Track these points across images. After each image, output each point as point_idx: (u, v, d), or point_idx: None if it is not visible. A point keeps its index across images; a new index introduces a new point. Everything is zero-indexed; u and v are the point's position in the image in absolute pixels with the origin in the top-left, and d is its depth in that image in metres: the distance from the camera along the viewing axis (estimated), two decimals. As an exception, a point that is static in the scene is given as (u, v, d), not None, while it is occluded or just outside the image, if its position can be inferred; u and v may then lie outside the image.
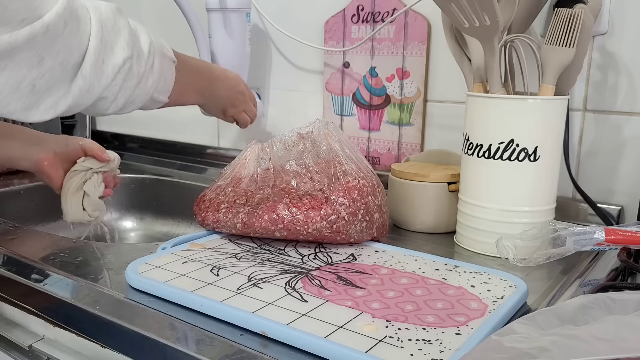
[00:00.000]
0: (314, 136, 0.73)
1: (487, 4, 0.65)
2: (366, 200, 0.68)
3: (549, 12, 0.81)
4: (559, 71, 0.69)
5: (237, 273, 0.60)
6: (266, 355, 0.46)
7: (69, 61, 0.55)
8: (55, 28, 0.53)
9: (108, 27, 0.59)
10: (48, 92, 0.55)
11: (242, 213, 0.69)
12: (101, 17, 0.58)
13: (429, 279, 0.60)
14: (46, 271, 0.64)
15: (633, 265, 0.60)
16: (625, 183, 0.82)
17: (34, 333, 0.62)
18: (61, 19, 0.54)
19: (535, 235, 0.65)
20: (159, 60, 0.66)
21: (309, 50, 1.06)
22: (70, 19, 0.55)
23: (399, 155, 0.99)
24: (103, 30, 0.58)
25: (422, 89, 0.95)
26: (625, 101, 0.80)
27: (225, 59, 1.04)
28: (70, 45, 0.55)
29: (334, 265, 0.64)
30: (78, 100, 0.58)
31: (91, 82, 0.58)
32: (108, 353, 0.54)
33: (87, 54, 0.57)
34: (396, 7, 0.95)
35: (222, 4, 1.01)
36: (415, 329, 0.49)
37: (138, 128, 1.39)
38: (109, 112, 0.63)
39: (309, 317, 0.50)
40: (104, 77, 0.59)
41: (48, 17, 0.52)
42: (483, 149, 0.70)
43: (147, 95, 0.65)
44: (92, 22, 0.58)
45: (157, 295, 0.57)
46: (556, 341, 0.36)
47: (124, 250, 0.73)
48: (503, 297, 0.56)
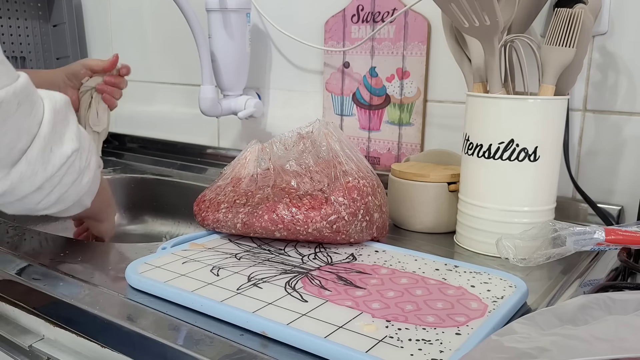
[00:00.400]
0: (314, 136, 0.73)
1: (487, 4, 0.65)
2: (366, 200, 0.68)
3: (549, 12, 0.81)
4: (559, 71, 0.69)
5: (237, 273, 0.60)
6: (266, 355, 0.46)
7: (15, 144, 0.53)
8: (8, 106, 0.51)
9: (60, 117, 0.58)
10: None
11: (242, 213, 0.69)
12: (55, 105, 0.58)
13: (429, 279, 0.60)
14: (46, 271, 0.64)
15: (633, 265, 0.60)
16: (625, 183, 0.82)
17: (34, 333, 0.62)
18: (16, 99, 0.52)
19: (535, 235, 0.65)
20: (94, 160, 0.65)
21: (309, 50, 1.06)
22: (25, 101, 0.53)
23: (399, 155, 0.99)
24: (55, 118, 0.57)
25: (422, 89, 0.95)
26: (625, 101, 0.80)
27: (225, 59, 1.04)
28: (20, 128, 0.53)
29: (334, 265, 0.64)
30: (16, 185, 0.55)
31: (35, 169, 0.56)
32: (108, 353, 0.54)
33: (35, 139, 0.55)
34: (396, 7, 0.95)
35: (222, 4, 1.01)
36: (415, 329, 0.49)
37: (138, 128, 1.39)
38: (35, 209, 0.61)
39: (309, 317, 0.50)
40: (49, 166, 0.57)
41: (4, 93, 0.51)
42: (483, 149, 0.70)
43: (77, 195, 0.64)
44: (45, 109, 0.57)
45: (157, 295, 0.57)
46: (556, 341, 0.36)
47: (124, 250, 0.73)
48: (503, 297, 0.56)
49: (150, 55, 1.34)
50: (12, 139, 0.53)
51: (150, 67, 1.34)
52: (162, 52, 1.31)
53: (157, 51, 1.32)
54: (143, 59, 1.35)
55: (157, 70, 1.33)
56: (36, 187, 0.57)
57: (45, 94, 0.58)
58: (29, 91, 0.54)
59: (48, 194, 0.59)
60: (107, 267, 0.66)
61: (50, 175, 0.57)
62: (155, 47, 1.32)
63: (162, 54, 1.31)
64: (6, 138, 0.52)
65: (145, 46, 1.34)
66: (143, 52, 1.35)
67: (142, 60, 1.35)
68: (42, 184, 0.57)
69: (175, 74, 1.30)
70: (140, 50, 1.35)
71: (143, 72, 1.35)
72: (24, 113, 0.53)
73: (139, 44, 1.35)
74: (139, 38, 1.35)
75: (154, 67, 1.34)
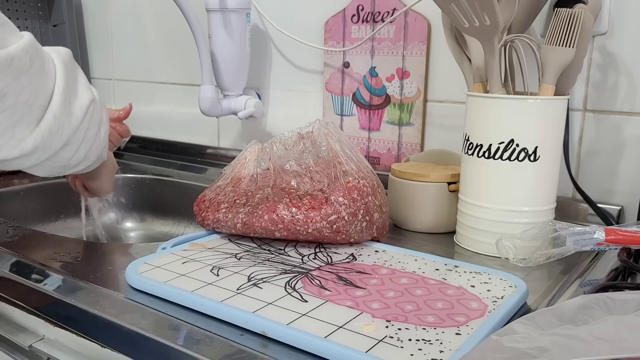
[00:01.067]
0: (314, 136, 0.74)
1: (487, 4, 0.65)
2: (366, 200, 0.68)
3: (549, 12, 0.81)
4: (559, 71, 0.70)
5: (237, 273, 0.60)
6: (266, 355, 0.46)
7: (34, 101, 0.53)
8: (21, 63, 0.51)
9: (70, 69, 0.58)
10: (10, 133, 0.53)
11: (242, 213, 0.69)
12: (64, 59, 0.57)
13: (429, 279, 0.60)
14: (46, 271, 0.64)
15: (633, 265, 0.60)
16: (625, 183, 0.82)
17: (34, 333, 0.62)
18: (27, 55, 0.51)
19: (535, 235, 0.65)
20: (105, 111, 0.64)
21: (309, 50, 1.06)
22: (36, 57, 0.53)
23: (399, 155, 0.99)
24: (67, 71, 0.57)
25: (422, 89, 0.95)
26: (625, 101, 0.80)
27: (225, 59, 1.04)
28: (36, 85, 0.53)
29: (334, 265, 0.64)
30: (47, 140, 0.55)
31: (61, 122, 0.56)
32: (108, 353, 0.54)
33: (54, 93, 0.55)
34: (396, 7, 0.95)
35: (222, 4, 1.01)
36: (415, 329, 0.49)
37: (138, 128, 1.39)
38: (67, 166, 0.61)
39: (309, 317, 0.50)
40: (73, 118, 0.57)
41: (14, 49, 0.50)
42: (483, 149, 0.70)
43: (100, 149, 0.63)
44: (55, 64, 0.56)
45: (157, 295, 0.57)
46: (556, 341, 0.36)
47: (124, 250, 0.73)
48: (503, 297, 0.56)
49: (150, 55, 1.34)
50: (29, 96, 0.52)
51: (150, 67, 1.34)
52: (162, 52, 1.31)
53: (157, 51, 1.32)
54: (143, 59, 1.35)
55: (157, 70, 1.33)
56: (64, 142, 0.58)
57: (51, 49, 0.58)
58: (37, 47, 0.54)
59: (77, 150, 0.60)
60: (107, 267, 0.66)
61: (75, 127, 0.58)
62: (155, 47, 1.32)
63: (162, 54, 1.31)
64: (23, 96, 0.52)
65: (145, 46, 1.34)
66: (143, 52, 1.35)
67: (142, 60, 1.35)
68: (69, 138, 0.58)
69: (175, 74, 1.30)
70: (140, 50, 1.35)
71: (143, 72, 1.35)
72: (37, 70, 0.53)
73: (139, 44, 1.35)
74: (139, 38, 1.35)
75: (154, 67, 1.34)
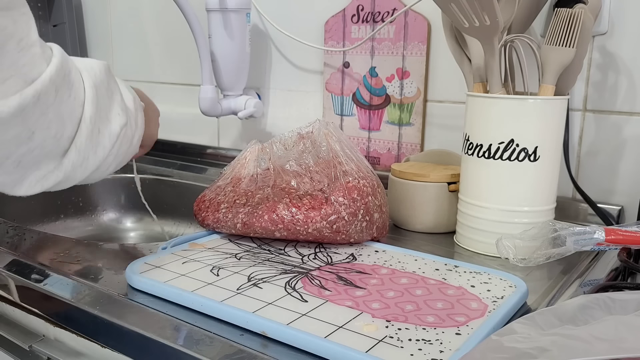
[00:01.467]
0: (314, 136, 0.74)
1: (487, 4, 0.65)
2: (366, 200, 0.68)
3: (549, 12, 0.81)
4: (559, 71, 0.69)
5: (237, 273, 0.60)
6: (266, 355, 0.46)
7: (62, 133, 0.49)
8: (47, 97, 0.46)
9: (102, 92, 0.52)
10: (36, 166, 0.49)
11: (242, 213, 0.69)
12: (95, 80, 0.52)
13: (429, 279, 0.60)
14: (46, 271, 0.64)
15: (633, 265, 0.60)
16: (625, 183, 0.82)
17: (34, 333, 0.62)
18: (53, 86, 0.46)
19: (535, 235, 0.65)
20: (140, 114, 0.60)
21: (309, 50, 1.06)
22: (62, 85, 0.48)
23: (399, 155, 0.99)
24: (98, 95, 0.52)
25: (422, 89, 0.95)
26: (625, 101, 0.80)
27: (225, 59, 1.04)
28: (62, 115, 0.48)
29: (334, 265, 0.64)
30: (70, 174, 0.52)
31: (85, 155, 0.51)
32: (108, 353, 0.54)
33: (81, 123, 0.50)
34: (396, 7, 0.95)
35: (222, 4, 1.01)
36: (415, 329, 0.49)
37: (138, 128, 1.39)
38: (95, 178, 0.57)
39: (309, 317, 0.50)
40: (100, 149, 0.53)
41: (40, 82, 0.45)
42: (483, 149, 0.70)
43: (133, 153, 0.60)
44: (85, 87, 0.51)
45: (157, 295, 0.57)
46: (556, 341, 0.36)
47: (124, 250, 0.73)
48: (503, 297, 0.56)
49: (150, 55, 1.34)
50: (57, 129, 0.48)
51: (150, 67, 1.34)
52: (162, 52, 1.31)
53: (157, 51, 1.32)
54: (143, 59, 1.35)
55: (157, 70, 1.33)
56: (90, 172, 0.54)
57: (83, 66, 0.52)
58: (65, 71, 0.48)
59: (106, 169, 0.56)
60: (107, 267, 0.66)
61: (103, 157, 0.53)
62: (155, 47, 1.32)
63: (162, 54, 1.31)
64: (51, 130, 0.48)
65: (145, 46, 1.34)
66: (143, 52, 1.35)
67: (142, 60, 1.35)
68: (96, 167, 0.54)
69: (175, 74, 1.30)
70: (140, 50, 1.35)
71: (143, 72, 1.35)
72: (63, 98, 0.48)
73: (139, 44, 1.35)
74: (139, 38, 1.35)
75: (154, 67, 1.34)
